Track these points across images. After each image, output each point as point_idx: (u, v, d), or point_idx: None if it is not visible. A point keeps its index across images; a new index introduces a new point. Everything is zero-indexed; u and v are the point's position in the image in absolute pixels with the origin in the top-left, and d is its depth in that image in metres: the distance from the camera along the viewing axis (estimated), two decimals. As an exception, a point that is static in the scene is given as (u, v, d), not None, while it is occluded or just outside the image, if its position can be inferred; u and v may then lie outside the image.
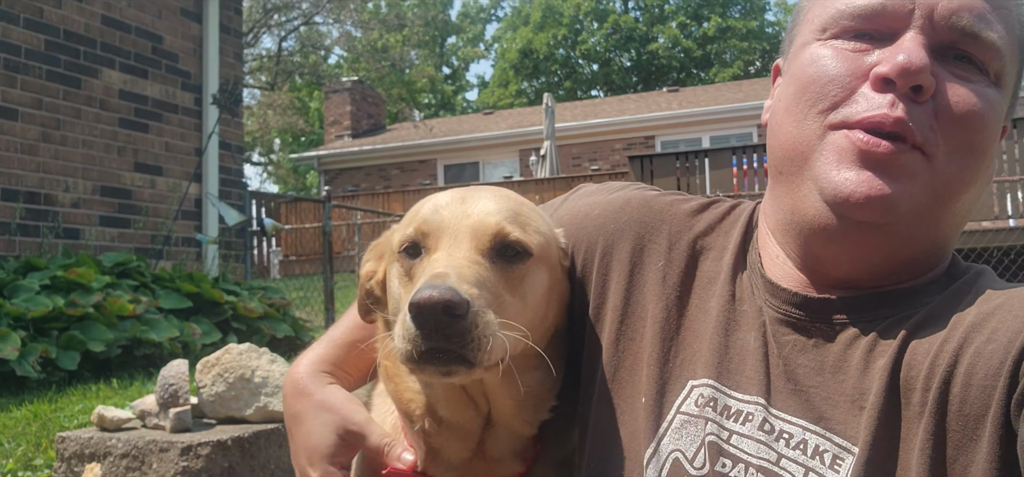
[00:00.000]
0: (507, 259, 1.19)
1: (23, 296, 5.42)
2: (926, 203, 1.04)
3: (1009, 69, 1.08)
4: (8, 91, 6.55)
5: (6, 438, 3.95)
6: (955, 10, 1.04)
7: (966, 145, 1.03)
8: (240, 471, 2.62)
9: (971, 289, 1.06)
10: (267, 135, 34.86)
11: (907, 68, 1.00)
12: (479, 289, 1.09)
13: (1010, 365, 0.91)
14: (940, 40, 1.04)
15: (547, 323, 1.27)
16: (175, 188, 7.97)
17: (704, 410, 1.11)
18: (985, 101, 1.04)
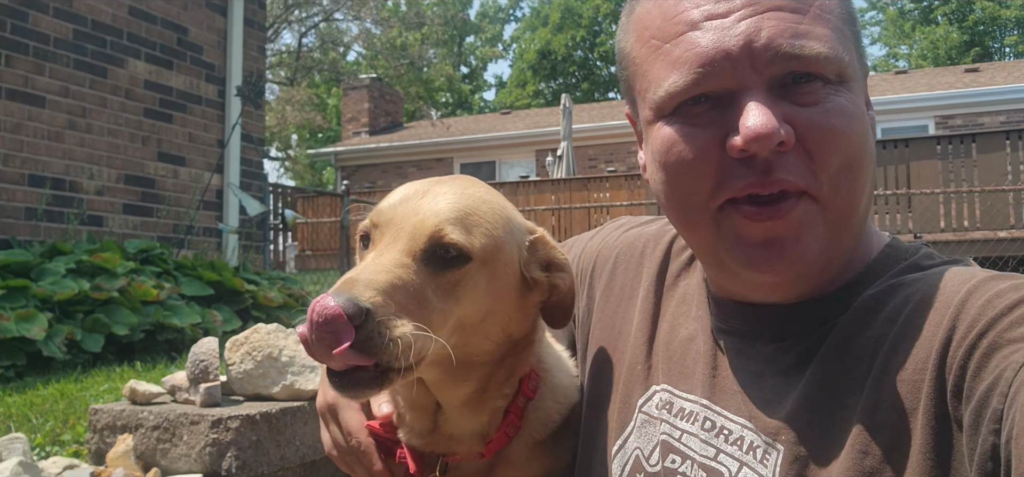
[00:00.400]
0: (443, 261, 1.17)
1: (49, 279, 5.52)
2: (830, 236, 1.04)
3: (847, 53, 1.05)
4: (36, 78, 6.66)
5: (34, 414, 4.04)
6: (769, 43, 1.00)
7: (843, 165, 1.02)
8: (267, 445, 2.68)
9: (898, 283, 1.05)
10: (285, 130, 35.04)
11: (757, 136, 0.97)
12: (387, 296, 1.08)
13: (935, 359, 0.92)
14: (773, 77, 1.01)
15: (507, 326, 1.27)
16: (197, 178, 8.07)
17: (661, 412, 1.21)
18: (840, 113, 1.01)
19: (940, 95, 20.76)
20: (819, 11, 1.03)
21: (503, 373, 1.31)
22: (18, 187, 6.51)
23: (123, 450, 2.62)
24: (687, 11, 1.05)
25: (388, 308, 1.07)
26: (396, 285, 1.11)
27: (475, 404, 1.31)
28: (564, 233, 17.69)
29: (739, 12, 1.01)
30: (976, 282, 0.95)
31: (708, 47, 1.02)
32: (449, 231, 1.17)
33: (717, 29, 1.02)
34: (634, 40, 1.14)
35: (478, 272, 1.20)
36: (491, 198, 1.28)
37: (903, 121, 20.65)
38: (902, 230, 12.86)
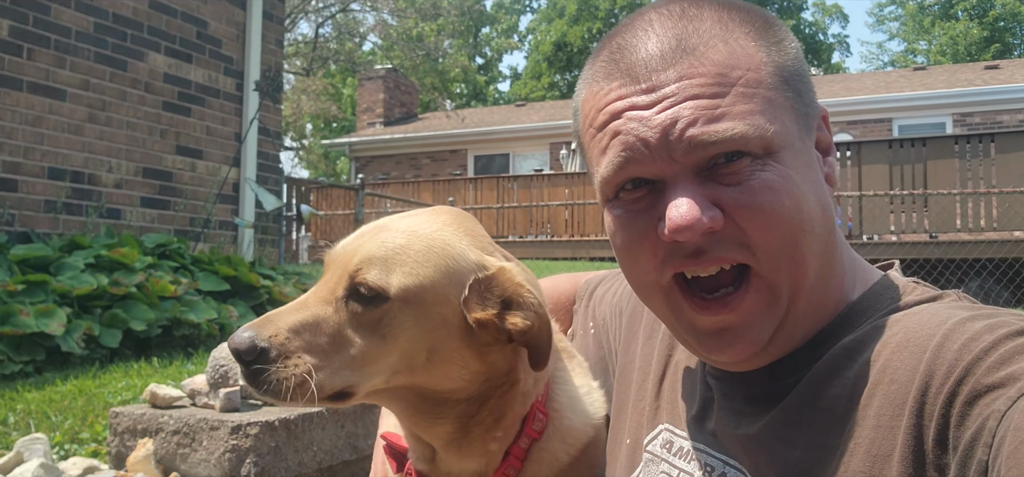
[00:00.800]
0: (365, 300, 1.24)
1: (68, 274, 5.57)
2: (782, 312, 1.06)
3: (776, 122, 1.04)
4: (58, 72, 6.71)
5: (53, 412, 4.08)
6: (683, 135, 1.02)
7: (778, 240, 1.03)
8: (286, 451, 2.70)
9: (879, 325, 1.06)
10: (300, 120, 35.15)
11: (678, 228, 1.01)
12: (293, 334, 1.21)
13: (912, 404, 0.92)
14: (694, 165, 1.03)
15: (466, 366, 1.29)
16: (214, 172, 8.11)
17: (662, 451, 1.27)
18: (766, 189, 1.02)
19: (959, 92, 20.58)
20: (743, 87, 1.04)
21: (487, 414, 1.33)
22: (38, 180, 6.56)
23: (143, 455, 2.64)
24: (613, 102, 1.09)
25: (287, 346, 1.20)
26: (307, 324, 1.23)
27: (460, 443, 1.34)
28: (577, 228, 17.67)
29: (659, 104, 1.04)
30: (952, 324, 0.95)
31: (628, 138, 1.06)
32: (365, 271, 1.24)
33: (637, 119, 1.06)
34: (581, 126, 1.19)
35: (401, 311, 1.24)
36: (433, 237, 1.30)
37: (921, 119, 20.49)
38: (918, 230, 12.79)
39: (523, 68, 47.82)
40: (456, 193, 18.83)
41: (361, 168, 25.73)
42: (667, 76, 1.05)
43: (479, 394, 1.32)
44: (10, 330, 4.83)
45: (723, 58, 1.05)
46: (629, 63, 1.09)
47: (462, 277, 1.29)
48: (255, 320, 1.25)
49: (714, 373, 1.23)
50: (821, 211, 1.07)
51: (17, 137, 6.41)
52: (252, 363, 1.20)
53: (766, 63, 1.07)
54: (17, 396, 4.33)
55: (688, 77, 1.04)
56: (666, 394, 1.34)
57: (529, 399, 1.36)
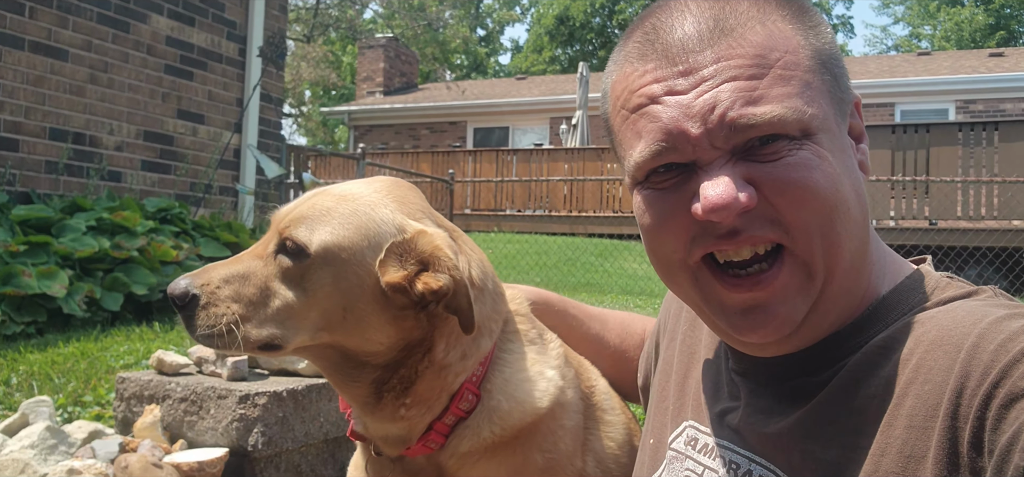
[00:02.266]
0: (291, 255, 1.33)
1: (70, 236, 5.54)
2: (817, 290, 1.05)
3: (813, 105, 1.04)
4: (60, 32, 6.64)
5: (56, 374, 4.07)
6: (724, 116, 1.01)
7: (813, 217, 1.02)
8: (292, 421, 2.69)
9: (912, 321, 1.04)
10: (299, 87, 34.96)
11: (714, 208, 1.00)
12: (223, 283, 1.33)
13: (947, 405, 0.91)
14: (733, 145, 1.02)
15: (381, 328, 1.35)
16: (216, 137, 8.07)
17: (687, 448, 1.27)
18: (801, 167, 1.01)
19: (962, 79, 20.52)
20: (781, 69, 1.03)
21: (397, 382, 1.37)
22: (39, 140, 6.52)
23: (150, 421, 2.63)
24: (649, 85, 1.07)
25: (216, 294, 1.32)
26: (237, 275, 1.35)
27: (373, 407, 1.39)
28: (575, 203, 17.65)
29: (697, 87, 1.03)
30: (988, 323, 0.94)
31: (668, 123, 1.04)
32: (293, 228, 1.34)
33: (676, 106, 1.04)
34: (610, 107, 1.17)
35: (321, 268, 1.32)
36: (359, 200, 1.38)
37: (923, 104, 20.45)
38: (918, 216, 12.80)
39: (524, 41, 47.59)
40: (455, 165, 18.78)
41: (360, 137, 25.64)
42: (705, 57, 1.04)
43: (395, 361, 1.37)
44: (12, 291, 4.81)
45: (761, 39, 1.04)
46: (665, 44, 1.07)
47: (380, 239, 1.34)
48: (194, 270, 1.38)
49: (738, 370, 1.21)
50: (855, 196, 1.06)
51: (18, 97, 6.36)
52: (184, 308, 1.32)
53: (803, 46, 1.06)
54: (20, 357, 4.32)
55: (726, 58, 1.03)
56: (690, 392, 1.33)
57: (451, 374, 1.39)
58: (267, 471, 2.65)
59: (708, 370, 1.31)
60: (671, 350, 1.44)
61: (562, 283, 10.75)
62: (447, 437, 1.40)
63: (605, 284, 10.88)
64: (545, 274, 11.42)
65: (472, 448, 1.40)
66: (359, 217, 1.35)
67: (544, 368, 1.49)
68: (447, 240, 1.36)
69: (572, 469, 1.49)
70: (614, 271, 11.88)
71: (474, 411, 1.40)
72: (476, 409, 1.40)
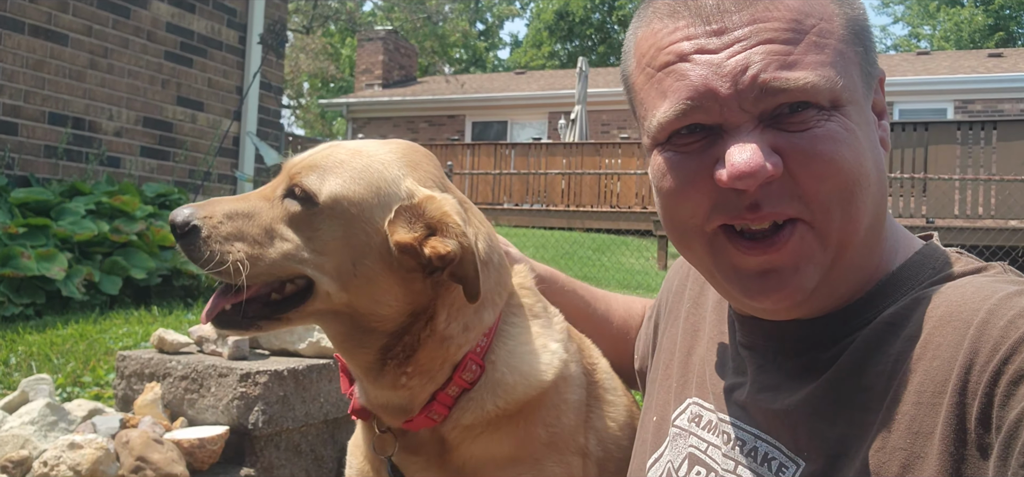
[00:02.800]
0: (300, 201, 1.33)
1: (69, 219, 5.54)
2: (830, 261, 1.04)
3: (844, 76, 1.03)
4: (60, 16, 6.63)
5: (55, 354, 4.07)
6: (754, 81, 0.99)
7: (834, 192, 1.01)
8: (293, 401, 2.70)
9: (920, 296, 1.04)
10: (297, 79, 34.91)
11: (741, 174, 0.99)
12: (226, 219, 1.32)
13: (955, 381, 0.91)
14: (762, 110, 1.01)
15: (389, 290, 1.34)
16: (215, 124, 8.06)
17: (690, 425, 1.26)
18: (829, 139, 1.00)
19: (961, 79, 20.54)
20: (816, 37, 1.02)
21: (400, 349, 1.37)
22: (39, 124, 6.50)
23: (151, 398, 2.64)
24: (679, 42, 1.05)
25: (219, 229, 1.31)
26: (242, 212, 1.34)
27: (376, 374, 1.39)
28: (573, 198, 17.64)
29: (730, 48, 1.01)
30: (997, 299, 0.93)
31: (697, 82, 1.02)
32: (304, 175, 1.33)
33: (706, 64, 1.02)
34: (633, 66, 1.15)
35: (329, 218, 1.32)
36: (372, 157, 1.37)
37: (922, 103, 20.47)
38: (915, 215, 12.82)
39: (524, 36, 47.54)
40: (453, 158, 18.77)
41: (358, 129, 25.61)
42: (739, 18, 1.02)
43: (401, 328, 1.36)
44: (11, 272, 4.81)
45: (798, 3, 1.02)
46: (698, 2, 1.05)
47: (390, 200, 1.34)
48: (198, 202, 1.36)
49: (746, 343, 1.20)
50: (876, 171, 1.05)
51: (18, 80, 6.35)
52: (183, 237, 1.31)
53: (838, 14, 1.05)
54: (18, 338, 4.32)
55: (762, 20, 1.01)
56: (694, 369, 1.33)
57: (453, 345, 1.38)
58: (267, 449, 2.66)
59: (713, 347, 1.30)
60: (674, 329, 1.44)
61: (560, 276, 10.73)
62: (451, 409, 1.39)
63: (602, 278, 10.89)
64: (543, 267, 11.39)
65: (475, 420, 1.39)
66: (371, 174, 1.35)
67: (548, 341, 1.48)
68: (456, 207, 1.35)
69: (574, 445, 1.48)
70: (611, 266, 11.89)
71: (478, 382, 1.39)
72: (480, 381, 1.39)
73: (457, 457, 1.42)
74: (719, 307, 1.34)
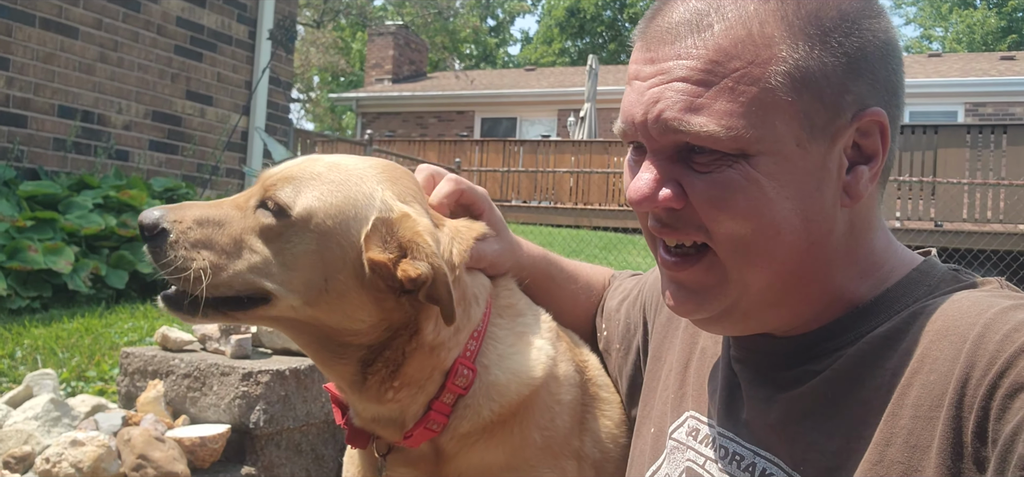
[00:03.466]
0: (272, 214, 1.30)
1: (76, 213, 5.57)
2: (735, 296, 1.08)
3: (757, 127, 1.00)
4: (70, 9, 6.66)
5: (60, 348, 4.09)
6: (659, 117, 1.04)
7: (730, 235, 1.03)
8: (294, 400, 2.71)
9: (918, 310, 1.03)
10: (307, 72, 34.97)
11: (632, 200, 1.09)
12: (197, 225, 1.29)
13: (952, 395, 0.91)
14: (667, 146, 1.06)
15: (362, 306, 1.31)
16: (223, 119, 8.08)
17: (688, 438, 1.27)
18: (724, 187, 1.01)
19: (972, 82, 20.45)
20: (734, 82, 1.00)
21: (382, 365, 1.33)
22: (48, 117, 6.54)
23: (153, 396, 2.65)
24: (632, 64, 1.13)
25: (188, 234, 1.28)
26: (212, 219, 1.31)
27: (360, 387, 1.35)
28: (581, 196, 17.65)
29: (652, 78, 1.06)
30: (993, 314, 0.94)
31: (625, 105, 1.11)
32: (278, 188, 1.30)
33: (636, 91, 1.09)
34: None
35: (301, 232, 1.29)
36: (350, 171, 1.35)
37: (932, 106, 20.39)
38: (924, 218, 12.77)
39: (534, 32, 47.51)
40: (462, 154, 18.79)
41: (368, 124, 25.65)
42: (668, 51, 1.05)
43: (379, 342, 1.33)
44: (18, 265, 4.84)
45: (727, 44, 1.00)
46: (652, 27, 1.10)
47: (366, 213, 1.31)
48: (170, 205, 1.34)
49: (738, 357, 1.21)
50: (801, 220, 1.02)
51: (28, 73, 6.38)
52: (151, 239, 1.28)
53: (782, 59, 1.00)
54: (24, 331, 4.35)
55: (684, 57, 1.03)
56: (691, 381, 1.33)
57: (443, 351, 1.35)
58: (268, 448, 2.67)
59: (709, 360, 1.31)
60: (673, 338, 1.43)
61: (566, 275, 10.75)
62: (449, 417, 1.37)
63: (609, 277, 10.88)
64: (549, 265, 11.41)
65: (472, 427, 1.37)
66: (348, 188, 1.32)
67: (534, 338, 1.46)
68: (429, 227, 1.32)
69: (569, 448, 1.46)
70: (618, 264, 11.89)
71: (472, 387, 1.37)
72: (474, 386, 1.37)
73: (453, 468, 1.40)
74: None
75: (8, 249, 4.91)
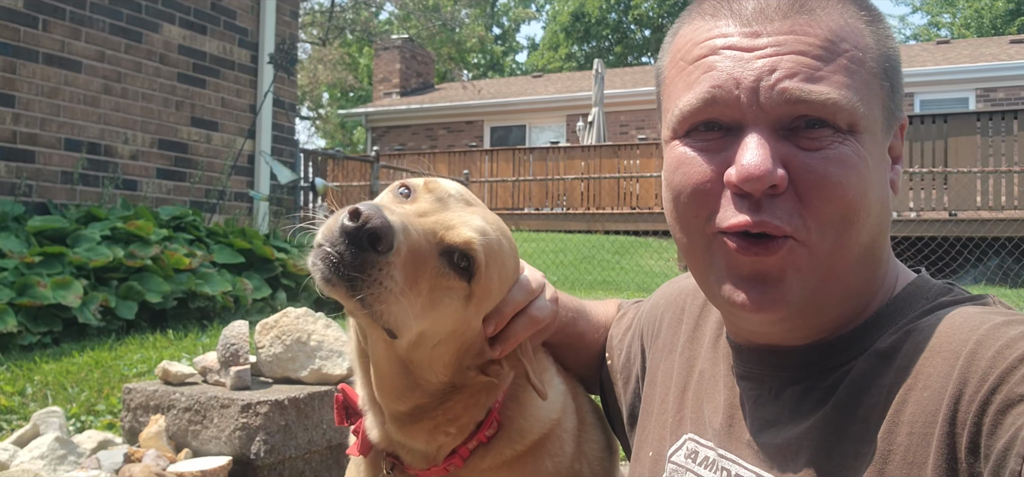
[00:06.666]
0: (456, 270, 1.21)
1: (85, 245, 5.61)
2: (817, 281, 1.05)
3: (866, 105, 1.04)
4: (73, 43, 6.73)
5: (70, 383, 4.13)
6: (777, 85, 1.01)
7: (835, 215, 1.02)
8: (295, 430, 2.72)
9: (913, 328, 1.04)
10: (316, 90, 35.16)
11: (749, 176, 1.00)
12: (411, 258, 1.13)
13: (946, 412, 0.91)
14: (778, 119, 1.02)
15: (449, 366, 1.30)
16: (229, 144, 8.13)
17: (687, 461, 1.25)
18: (839, 162, 1.01)
19: (982, 67, 20.27)
20: (847, 61, 1.03)
21: (440, 415, 1.34)
22: (55, 151, 6.60)
23: (155, 431, 2.67)
24: (714, 38, 1.07)
25: (401, 264, 1.11)
26: (419, 253, 1.15)
27: (407, 426, 1.35)
28: (592, 201, 17.63)
29: (762, 49, 1.03)
30: (985, 330, 0.94)
31: (721, 75, 1.04)
32: (477, 249, 1.21)
33: (734, 60, 1.04)
34: (668, 59, 1.17)
35: (459, 296, 1.23)
36: (511, 244, 1.33)
37: (943, 93, 20.24)
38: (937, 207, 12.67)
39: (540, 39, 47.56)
40: (472, 165, 18.81)
41: (377, 138, 25.73)
42: (778, 26, 1.04)
43: (441, 396, 1.34)
44: (28, 301, 4.88)
45: (837, 26, 1.04)
46: (741, 6, 1.07)
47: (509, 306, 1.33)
48: (408, 209, 1.19)
49: (743, 373, 1.20)
50: (879, 206, 1.06)
51: (34, 109, 6.45)
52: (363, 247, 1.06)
53: (873, 47, 1.07)
54: (35, 367, 4.38)
55: (799, 32, 1.03)
56: (690, 403, 1.32)
57: (489, 404, 1.38)
58: (270, 479, 2.68)
59: (709, 381, 1.30)
60: (669, 362, 1.43)
61: (579, 281, 10.76)
62: (465, 461, 1.40)
63: (622, 281, 10.87)
64: (563, 272, 11.43)
65: (493, 463, 1.41)
66: (510, 273, 1.34)
67: (549, 377, 1.50)
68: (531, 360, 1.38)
69: (573, 472, 1.49)
70: (631, 268, 11.87)
71: (496, 435, 1.41)
72: (498, 434, 1.41)
73: None
74: (716, 340, 1.33)
75: (17, 285, 4.95)
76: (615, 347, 1.66)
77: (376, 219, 1.06)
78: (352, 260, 1.07)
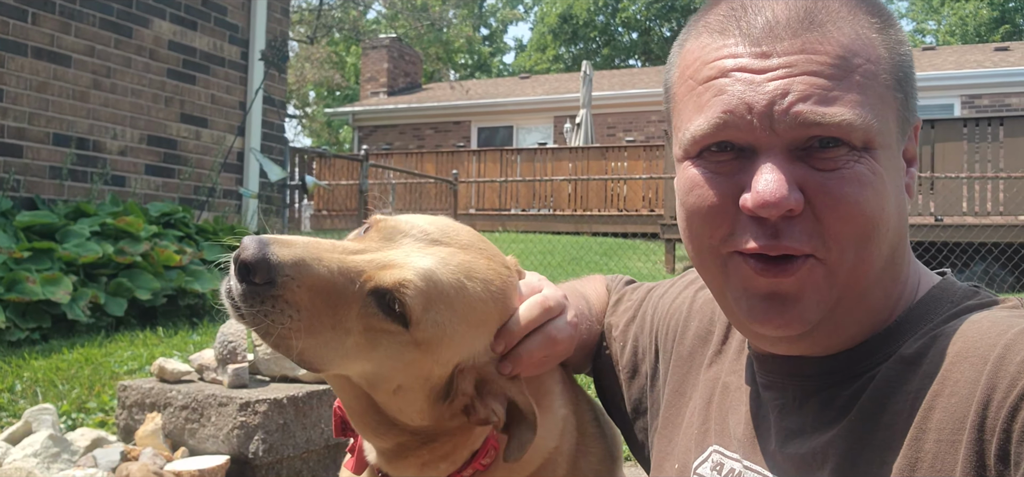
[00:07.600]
0: (387, 315, 1.11)
1: (74, 241, 5.56)
2: (836, 299, 1.04)
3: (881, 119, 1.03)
4: (62, 37, 6.66)
5: (60, 380, 4.08)
6: (791, 109, 0.99)
7: (853, 234, 1.01)
8: (293, 428, 2.70)
9: (939, 333, 1.03)
10: (303, 88, 35.02)
11: (765, 203, 0.98)
12: (312, 298, 1.06)
13: (974, 418, 0.90)
14: (792, 142, 1.01)
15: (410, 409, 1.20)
16: (219, 141, 8.08)
17: (712, 473, 1.24)
18: (855, 181, 1.00)
19: (967, 74, 20.44)
20: (860, 78, 1.01)
21: (427, 452, 1.28)
22: (43, 146, 6.54)
23: (152, 429, 2.64)
24: (723, 59, 1.05)
25: (295, 295, 1.05)
26: (327, 290, 1.08)
27: (394, 461, 1.31)
28: (580, 202, 17.64)
29: (773, 71, 1.01)
30: (1013, 334, 0.93)
31: (732, 99, 1.02)
32: (409, 292, 1.11)
33: (746, 83, 1.02)
34: (676, 75, 1.15)
35: (403, 344, 1.13)
36: (478, 299, 1.19)
37: (929, 100, 20.38)
38: (924, 213, 12.75)
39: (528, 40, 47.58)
40: (459, 165, 18.79)
41: (364, 137, 25.65)
42: (788, 45, 1.01)
43: (425, 438, 1.27)
44: (16, 297, 4.83)
45: (848, 41, 1.02)
46: (750, 23, 1.04)
47: (473, 360, 1.21)
48: (277, 238, 1.09)
49: (766, 383, 1.19)
50: (897, 216, 1.05)
51: (22, 102, 6.38)
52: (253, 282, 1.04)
53: (885, 58, 1.05)
54: (24, 364, 4.34)
55: (810, 51, 1.01)
56: (714, 416, 1.30)
57: (484, 434, 1.32)
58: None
59: (731, 394, 1.29)
60: (695, 373, 1.40)
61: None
62: None
63: (609, 283, 10.87)
64: (550, 273, 11.42)
65: None
66: (478, 313, 1.19)
67: (552, 402, 1.43)
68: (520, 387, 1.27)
69: None
70: (619, 269, 11.88)
71: (491, 466, 1.35)
72: (494, 464, 1.35)
73: None
74: (739, 351, 1.32)
75: (6, 281, 4.90)
76: (616, 338, 1.62)
77: (248, 251, 1.03)
78: (242, 292, 1.05)
